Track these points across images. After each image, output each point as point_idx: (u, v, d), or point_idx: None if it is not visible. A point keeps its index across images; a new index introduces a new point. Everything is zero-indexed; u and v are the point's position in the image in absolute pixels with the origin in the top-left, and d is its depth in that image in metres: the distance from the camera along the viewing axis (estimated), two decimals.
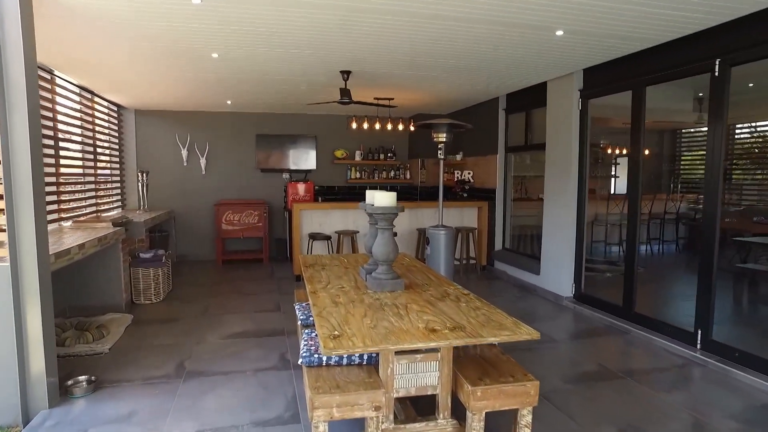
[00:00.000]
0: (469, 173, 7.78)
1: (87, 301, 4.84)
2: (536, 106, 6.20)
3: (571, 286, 5.49)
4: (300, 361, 2.46)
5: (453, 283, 3.11)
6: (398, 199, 10.14)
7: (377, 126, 6.79)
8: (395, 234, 3.02)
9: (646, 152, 6.39)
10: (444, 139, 5.86)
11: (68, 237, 4.21)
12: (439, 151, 5.91)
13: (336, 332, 2.12)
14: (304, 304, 3.52)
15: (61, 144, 5.29)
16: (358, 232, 6.46)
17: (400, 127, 7.19)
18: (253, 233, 7.77)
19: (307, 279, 3.18)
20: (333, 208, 6.65)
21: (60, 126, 5.26)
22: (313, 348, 2.57)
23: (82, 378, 3.23)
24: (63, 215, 5.25)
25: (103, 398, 3.09)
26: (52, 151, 5.05)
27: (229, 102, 7.13)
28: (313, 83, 5.80)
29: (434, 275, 3.36)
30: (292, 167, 8.34)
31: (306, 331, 2.89)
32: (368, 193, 3.19)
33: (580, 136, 5.30)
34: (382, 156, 8.68)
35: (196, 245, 8.11)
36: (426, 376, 2.31)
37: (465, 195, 7.54)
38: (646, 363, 3.78)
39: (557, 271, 5.64)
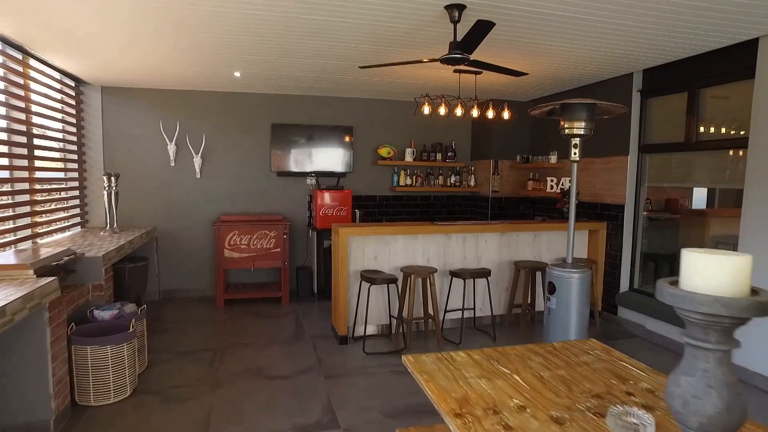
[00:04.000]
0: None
1: None
2: (709, 83, 4.07)
3: None
4: None
5: None
6: (464, 213, 7.36)
7: (458, 112, 4.59)
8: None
9: None
10: (582, 131, 3.79)
11: None
12: (573, 150, 3.82)
13: None
14: None
15: None
16: (436, 271, 4.25)
17: (513, 114, 4.97)
18: (269, 262, 5.54)
19: None
20: (397, 233, 4.41)
21: None
22: None
23: None
24: None
25: None
26: None
27: (237, 74, 4.90)
28: (388, 34, 3.59)
29: None
30: (320, 169, 6.13)
31: None
32: (688, 254, 1.03)
33: None
34: (438, 156, 6.46)
35: (187, 277, 5.86)
36: None
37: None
38: None
39: None
